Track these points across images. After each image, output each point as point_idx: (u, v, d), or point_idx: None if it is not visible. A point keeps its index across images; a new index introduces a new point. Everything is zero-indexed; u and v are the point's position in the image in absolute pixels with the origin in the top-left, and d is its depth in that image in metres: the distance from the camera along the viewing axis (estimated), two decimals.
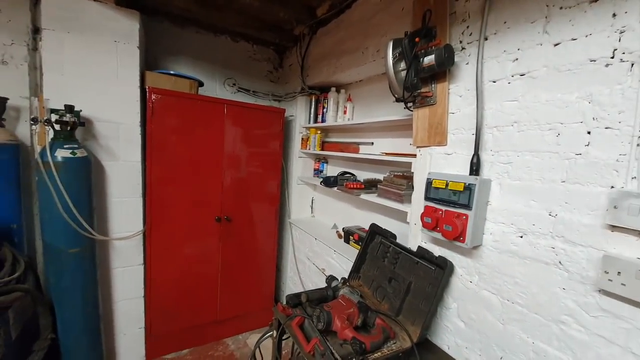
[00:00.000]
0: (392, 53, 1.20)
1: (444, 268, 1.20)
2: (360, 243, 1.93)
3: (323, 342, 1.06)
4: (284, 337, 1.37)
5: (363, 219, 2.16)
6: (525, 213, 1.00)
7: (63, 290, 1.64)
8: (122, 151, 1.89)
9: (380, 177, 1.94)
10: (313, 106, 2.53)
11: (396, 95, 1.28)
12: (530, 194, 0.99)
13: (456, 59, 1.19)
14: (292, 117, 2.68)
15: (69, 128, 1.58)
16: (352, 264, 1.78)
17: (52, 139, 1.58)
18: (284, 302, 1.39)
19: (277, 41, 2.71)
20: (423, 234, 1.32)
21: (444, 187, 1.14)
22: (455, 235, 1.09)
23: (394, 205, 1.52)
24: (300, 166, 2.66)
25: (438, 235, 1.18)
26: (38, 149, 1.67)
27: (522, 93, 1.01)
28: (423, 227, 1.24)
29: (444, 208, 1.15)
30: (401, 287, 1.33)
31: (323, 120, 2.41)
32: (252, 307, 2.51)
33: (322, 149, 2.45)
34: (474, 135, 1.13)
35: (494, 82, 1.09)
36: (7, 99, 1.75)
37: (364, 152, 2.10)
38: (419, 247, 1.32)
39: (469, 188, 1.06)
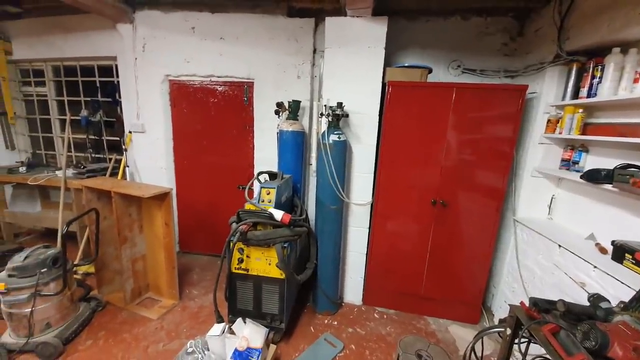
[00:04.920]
0: None
1: None
2: None
3: None
4: (519, 341, 1.24)
5: None
6: None
7: (325, 232, 2.35)
8: (364, 136, 2.36)
9: None
10: (573, 77, 1.96)
11: None
12: None
13: None
14: (534, 94, 2.22)
15: (337, 119, 2.17)
16: (625, 288, 1.34)
17: (327, 127, 2.23)
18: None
19: (522, 4, 2.29)
20: None
21: None
22: None
23: None
24: (539, 155, 2.18)
25: None
26: (315, 134, 2.42)
27: None
28: None
29: None
30: None
31: (591, 95, 1.81)
32: (457, 298, 2.44)
33: (583, 133, 1.88)
34: None
35: None
36: (300, 101, 2.63)
37: None
38: None
39: None
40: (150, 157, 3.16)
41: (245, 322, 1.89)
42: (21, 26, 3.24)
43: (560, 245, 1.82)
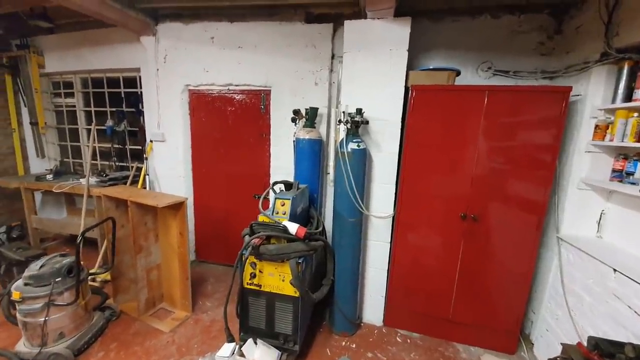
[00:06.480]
0: None
1: None
2: None
3: None
4: None
5: None
6: None
7: (342, 246, 2.20)
8: (385, 144, 2.22)
9: None
10: (625, 77, 1.73)
11: None
12: None
13: None
14: (578, 96, 1.99)
15: (356, 126, 2.05)
16: None
17: (345, 135, 2.11)
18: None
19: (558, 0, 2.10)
20: None
21: None
22: None
23: None
24: (585, 165, 1.93)
25: None
26: (333, 142, 2.30)
27: None
28: None
29: None
30: None
31: None
32: (491, 324, 2.19)
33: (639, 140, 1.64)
34: None
35: None
36: (317, 108, 2.53)
37: None
38: None
39: None
40: (170, 166, 3.18)
41: (256, 344, 1.77)
42: (53, 41, 3.42)
43: (615, 270, 1.56)
